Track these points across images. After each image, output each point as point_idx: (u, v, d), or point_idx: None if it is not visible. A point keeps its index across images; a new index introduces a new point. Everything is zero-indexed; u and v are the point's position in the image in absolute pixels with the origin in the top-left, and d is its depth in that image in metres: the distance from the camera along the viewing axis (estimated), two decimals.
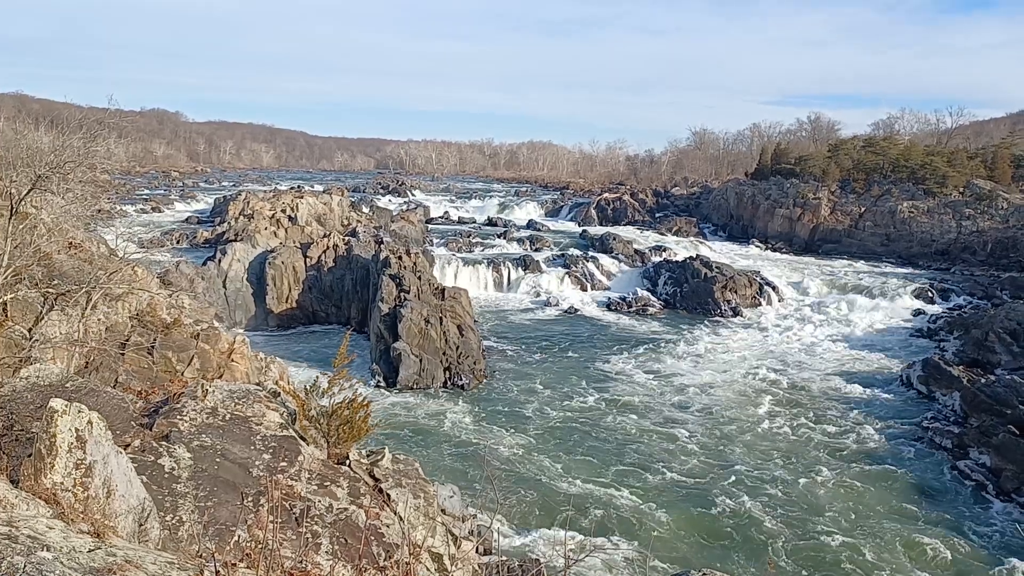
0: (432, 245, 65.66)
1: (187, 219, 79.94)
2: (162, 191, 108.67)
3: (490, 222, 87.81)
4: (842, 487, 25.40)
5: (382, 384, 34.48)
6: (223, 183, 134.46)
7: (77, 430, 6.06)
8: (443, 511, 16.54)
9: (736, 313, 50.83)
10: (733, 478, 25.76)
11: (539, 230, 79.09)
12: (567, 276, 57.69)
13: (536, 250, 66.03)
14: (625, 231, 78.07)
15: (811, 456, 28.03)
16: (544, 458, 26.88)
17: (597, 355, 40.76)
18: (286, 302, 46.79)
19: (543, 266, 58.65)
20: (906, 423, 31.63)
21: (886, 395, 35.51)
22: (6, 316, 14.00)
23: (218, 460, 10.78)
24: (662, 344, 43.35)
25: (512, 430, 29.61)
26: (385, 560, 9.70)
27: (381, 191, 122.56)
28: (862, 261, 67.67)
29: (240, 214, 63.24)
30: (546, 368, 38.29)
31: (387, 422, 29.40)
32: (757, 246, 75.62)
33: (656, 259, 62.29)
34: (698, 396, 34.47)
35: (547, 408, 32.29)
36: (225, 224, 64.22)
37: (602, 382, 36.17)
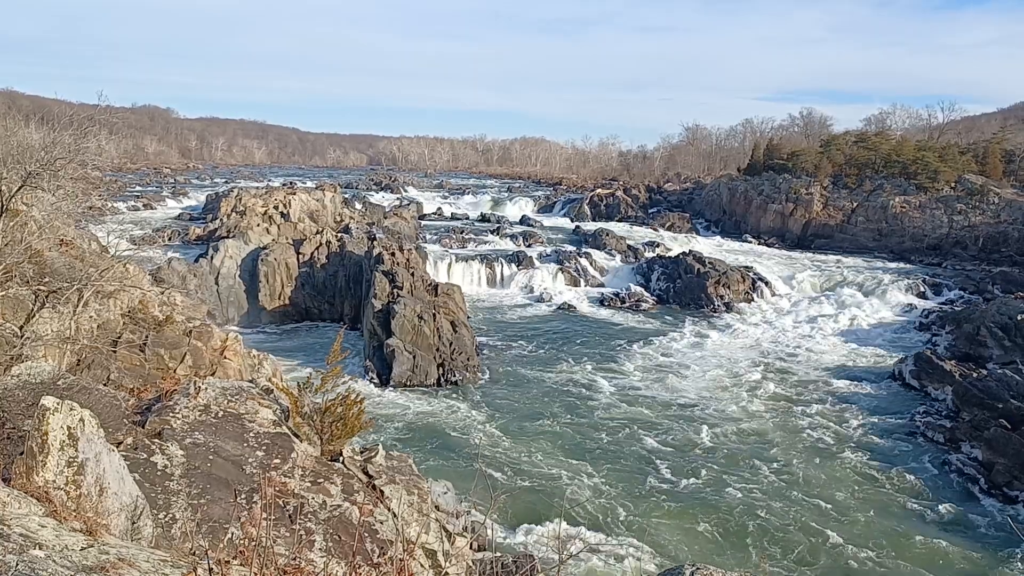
0: (425, 241, 65.60)
1: (179, 216, 79.59)
2: (154, 188, 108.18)
3: (483, 218, 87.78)
4: (834, 481, 25.54)
5: (375, 381, 34.43)
6: (215, 180, 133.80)
7: (69, 428, 6.04)
8: (437, 507, 16.55)
9: (729, 308, 50.99)
10: (725, 473, 25.86)
11: (532, 226, 79.05)
12: (560, 272, 57.72)
13: (529, 246, 66.07)
14: (618, 227, 78.18)
15: (802, 450, 28.15)
16: (538, 454, 26.92)
17: (590, 351, 40.80)
18: (279, 299, 46.68)
19: (536, 262, 58.68)
20: (898, 417, 31.80)
21: (878, 390, 35.68)
22: None
23: (211, 457, 10.77)
24: (655, 340, 43.43)
25: (506, 426, 29.64)
26: (379, 556, 9.71)
27: (374, 187, 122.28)
28: (854, 256, 67.88)
29: (232, 211, 62.92)
30: (539, 364, 38.32)
31: (381, 419, 29.39)
32: (750, 241, 75.83)
33: (649, 255, 62.46)
34: (690, 391, 34.56)
35: (540, 404, 32.32)
36: (217, 221, 63.90)
37: (595, 378, 36.22)
